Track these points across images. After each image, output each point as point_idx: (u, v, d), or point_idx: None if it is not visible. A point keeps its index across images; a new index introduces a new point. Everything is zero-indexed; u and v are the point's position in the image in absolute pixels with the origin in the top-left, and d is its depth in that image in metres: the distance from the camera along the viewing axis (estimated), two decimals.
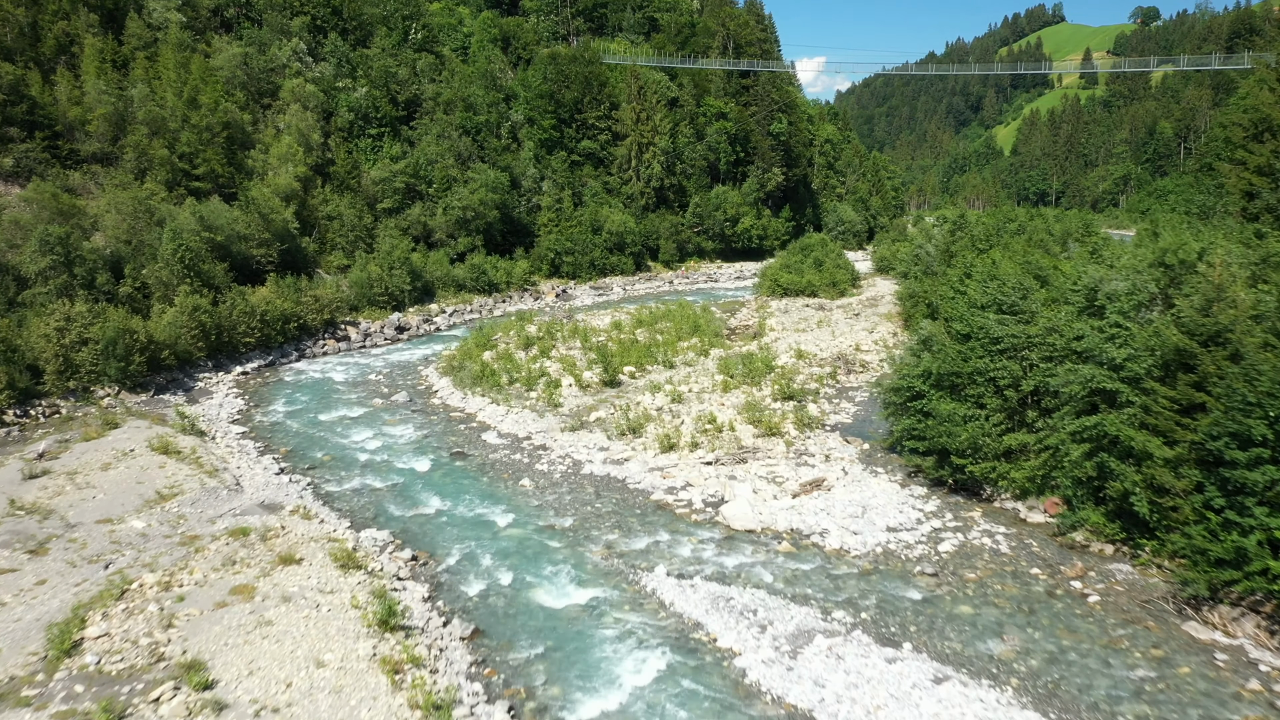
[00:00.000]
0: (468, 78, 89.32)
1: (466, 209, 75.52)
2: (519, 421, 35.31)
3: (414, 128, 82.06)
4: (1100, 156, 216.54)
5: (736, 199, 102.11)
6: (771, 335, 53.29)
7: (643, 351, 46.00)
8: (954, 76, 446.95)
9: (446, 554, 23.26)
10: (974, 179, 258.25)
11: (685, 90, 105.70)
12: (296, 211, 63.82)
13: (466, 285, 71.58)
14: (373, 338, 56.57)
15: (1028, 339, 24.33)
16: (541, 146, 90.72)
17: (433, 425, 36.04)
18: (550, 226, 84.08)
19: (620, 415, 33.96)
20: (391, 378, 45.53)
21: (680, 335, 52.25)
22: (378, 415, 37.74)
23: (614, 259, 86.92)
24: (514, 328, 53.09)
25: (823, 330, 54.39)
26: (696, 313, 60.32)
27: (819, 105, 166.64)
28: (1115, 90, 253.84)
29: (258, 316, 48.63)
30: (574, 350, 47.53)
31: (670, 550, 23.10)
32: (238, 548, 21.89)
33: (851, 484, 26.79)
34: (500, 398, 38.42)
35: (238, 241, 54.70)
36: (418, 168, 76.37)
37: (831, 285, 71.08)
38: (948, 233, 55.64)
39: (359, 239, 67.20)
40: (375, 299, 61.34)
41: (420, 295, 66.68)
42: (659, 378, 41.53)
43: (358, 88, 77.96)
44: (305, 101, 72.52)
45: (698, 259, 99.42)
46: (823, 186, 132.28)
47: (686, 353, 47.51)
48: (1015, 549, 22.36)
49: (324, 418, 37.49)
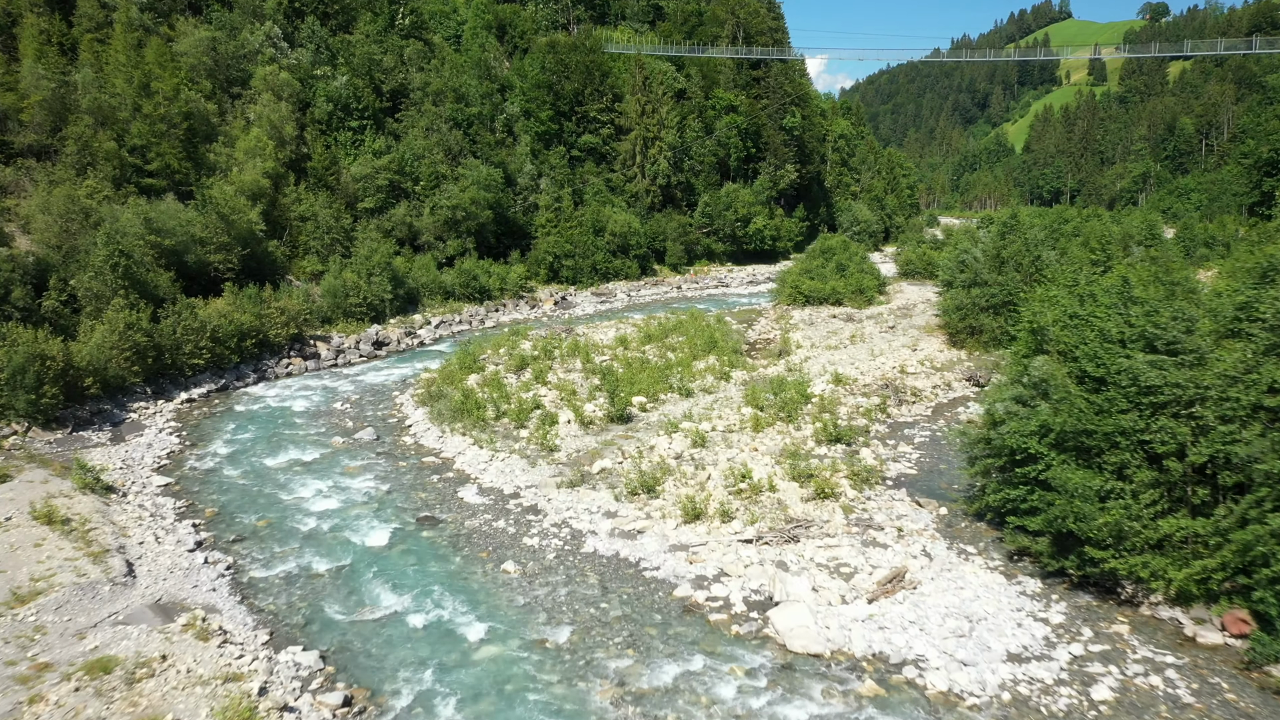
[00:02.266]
0: (459, 67, 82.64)
1: (456, 209, 68.91)
2: (505, 471, 28.67)
3: (400, 120, 75.42)
4: (1117, 154, 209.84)
5: (748, 197, 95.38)
6: (799, 353, 46.68)
7: (654, 375, 39.39)
8: (960, 73, 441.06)
9: (394, 693, 16.63)
10: (985, 177, 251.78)
11: (693, 82, 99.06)
12: (265, 212, 57.29)
13: (455, 293, 64.94)
14: (346, 354, 49.96)
15: (1197, 389, 17.68)
16: (539, 141, 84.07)
17: (400, 475, 29.42)
18: (548, 228, 77.44)
19: (631, 466, 27.36)
20: (360, 406, 38.92)
21: (695, 353, 45.68)
22: (336, 459, 31.14)
23: (617, 263, 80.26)
24: (505, 344, 46.50)
25: (857, 347, 47.78)
26: (711, 324, 53.79)
27: (831, 100, 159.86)
28: (1131, 86, 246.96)
29: (208, 333, 42.00)
30: (574, 373, 40.95)
31: (707, 689, 16.48)
32: (89, 697, 15.28)
33: (941, 576, 20.13)
34: (484, 438, 31.81)
35: (193, 246, 48.14)
36: (403, 163, 69.74)
37: (858, 292, 64.37)
38: (996, 235, 49.00)
39: (335, 242, 60.55)
40: (351, 310, 54.71)
41: (403, 305, 60.07)
42: (675, 410, 34.94)
43: (338, 76, 71.26)
44: (279, 91, 65.90)
45: (707, 262, 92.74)
46: (836, 184, 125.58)
47: (704, 375, 40.92)
48: (1203, 696, 15.70)
49: (270, 462, 30.90)
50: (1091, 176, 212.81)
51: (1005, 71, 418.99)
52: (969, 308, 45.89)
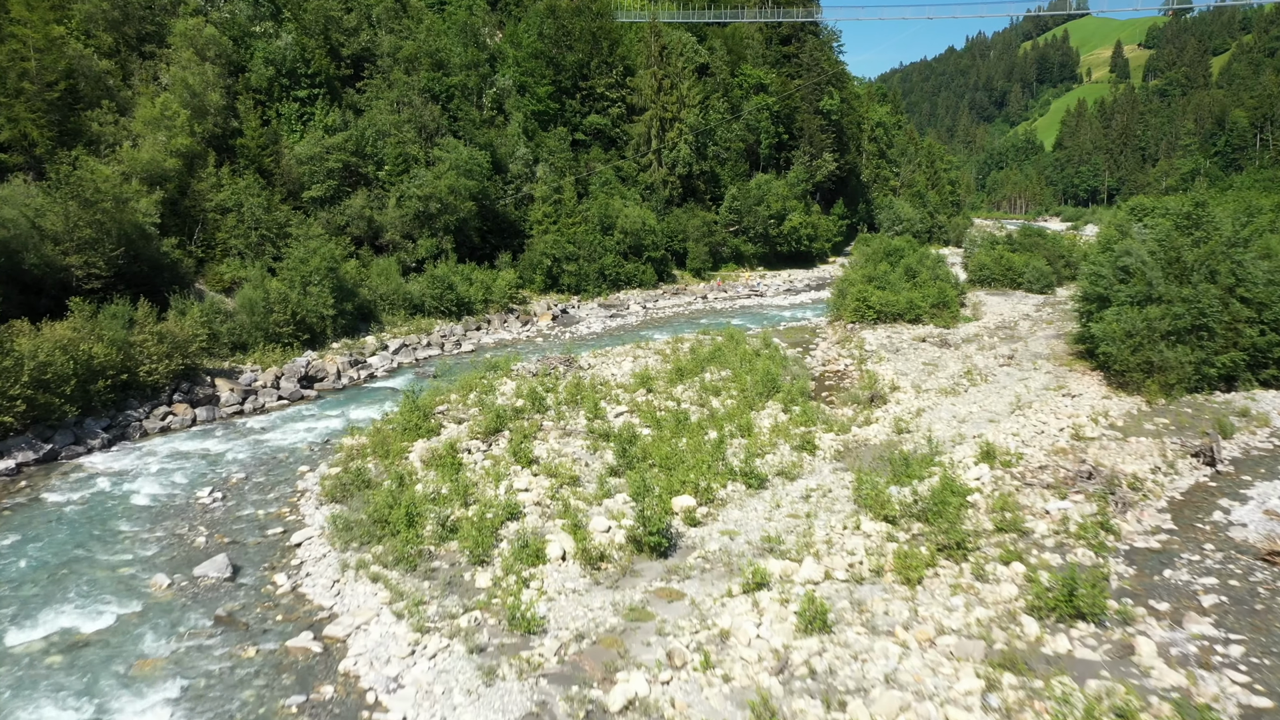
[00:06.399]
0: (439, 30, 68.54)
1: (430, 199, 54.76)
2: (434, 696, 14.28)
3: (362, 91, 61.31)
4: (1161, 150, 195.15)
5: (782, 190, 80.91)
6: (901, 399, 32.39)
7: (699, 446, 25.14)
8: (976, 71, 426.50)
9: None
10: (1014, 175, 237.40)
11: (717, 55, 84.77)
12: (171, 201, 43.40)
13: (425, 306, 50.72)
14: (259, 396, 35.74)
15: None
16: (535, 121, 69.85)
17: (239, 681, 15.20)
18: (546, 224, 63.25)
19: (696, 684, 13.17)
20: (239, 496, 24.68)
21: (750, 398, 31.51)
22: (134, 635, 16.85)
23: (630, 267, 65.98)
24: (477, 386, 32.32)
25: (980, 389, 33.54)
26: (759, 350, 39.73)
27: (867, 84, 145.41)
28: (1171, 78, 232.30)
29: (26, 374, 27.82)
30: (575, 438, 26.77)
31: None
32: None
33: None
34: (410, 590, 17.51)
35: (37, 243, 34.10)
36: (362, 143, 55.60)
37: (941, 306, 50.15)
38: (1170, 231, 34.65)
39: (266, 240, 46.43)
40: (276, 332, 40.54)
41: (352, 323, 45.85)
42: (745, 519, 20.71)
43: (282, 35, 57.19)
44: (203, 50, 51.80)
45: (735, 265, 78.38)
46: (874, 178, 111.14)
47: (773, 441, 26.69)
48: None
49: (14, 639, 16.72)
50: (1133, 174, 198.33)
51: (1024, 69, 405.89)
52: (1144, 334, 31.59)
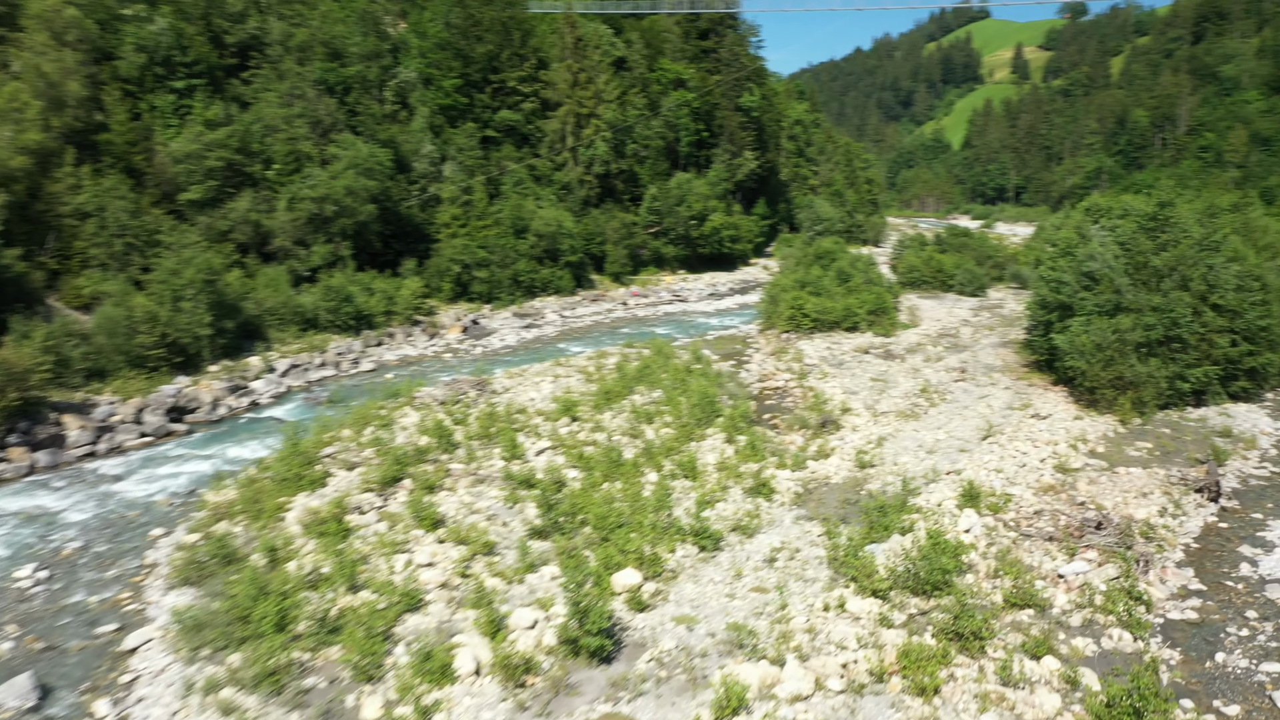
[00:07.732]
0: (336, 17, 63.24)
1: (325, 201, 49.65)
2: None
3: (249, 82, 55.65)
4: (1066, 149, 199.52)
5: (704, 189, 77.83)
6: (856, 424, 29.28)
7: (636, 496, 21.43)
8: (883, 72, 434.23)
9: None
10: (924, 174, 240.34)
11: (634, 49, 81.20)
12: (20, 204, 37.65)
13: (320, 320, 45.69)
14: (117, 434, 30.60)
15: None
16: (442, 116, 65.09)
17: None
18: (455, 227, 58.60)
19: None
20: (70, 575, 19.91)
21: (688, 427, 27.99)
22: None
23: (545, 272, 61.75)
24: (374, 419, 28.01)
25: (940, 409, 30.71)
26: (690, 367, 36.36)
27: (783, 81, 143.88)
28: (1074, 79, 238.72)
29: None
30: (490, 485, 22.77)
31: None
32: None
33: None
34: None
35: None
36: (248, 139, 50.16)
37: (879, 313, 47.58)
38: (1135, 233, 32.42)
39: (133, 249, 40.89)
40: (141, 356, 35.25)
41: (235, 342, 40.62)
42: (700, 593, 17.10)
43: (157, 19, 51.28)
44: (62, 34, 45.75)
45: (656, 269, 74.93)
46: (793, 177, 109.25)
47: (722, 484, 23.19)
48: None
49: None
50: (1038, 173, 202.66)
51: (929, 69, 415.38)
52: (1115, 347, 29.18)
